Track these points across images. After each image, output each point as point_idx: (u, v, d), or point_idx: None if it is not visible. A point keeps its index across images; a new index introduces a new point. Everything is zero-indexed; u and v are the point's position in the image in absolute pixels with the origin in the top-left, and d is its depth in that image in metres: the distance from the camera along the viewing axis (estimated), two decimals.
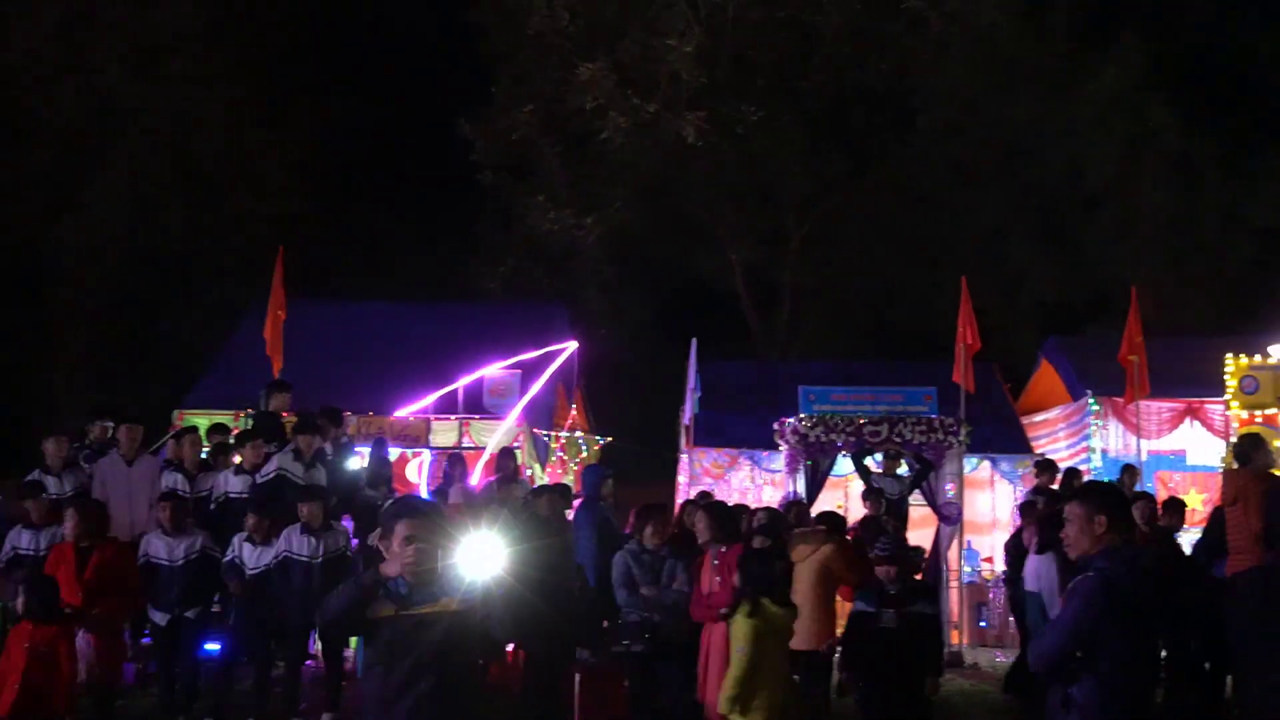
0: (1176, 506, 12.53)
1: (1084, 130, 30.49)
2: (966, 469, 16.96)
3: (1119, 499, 5.64)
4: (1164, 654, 9.84)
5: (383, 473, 13.55)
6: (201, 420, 15.68)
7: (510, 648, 11.20)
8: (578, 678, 10.10)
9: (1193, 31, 31.22)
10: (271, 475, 12.02)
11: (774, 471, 18.07)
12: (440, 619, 5.09)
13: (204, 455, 13.10)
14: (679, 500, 17.20)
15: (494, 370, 18.49)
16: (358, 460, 13.89)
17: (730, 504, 11.74)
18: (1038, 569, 11.72)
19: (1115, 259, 29.73)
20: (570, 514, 11.94)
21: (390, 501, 7.53)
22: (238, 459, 12.79)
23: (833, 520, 10.87)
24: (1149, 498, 12.50)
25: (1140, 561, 5.34)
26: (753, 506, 13.42)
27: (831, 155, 31.35)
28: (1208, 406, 18.17)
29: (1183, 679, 10.10)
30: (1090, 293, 29.85)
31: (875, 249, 32.12)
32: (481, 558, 5.31)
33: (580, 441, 20.42)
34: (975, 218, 31.21)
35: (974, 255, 29.39)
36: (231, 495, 12.17)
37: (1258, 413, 17.26)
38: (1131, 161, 30.38)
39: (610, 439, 21.59)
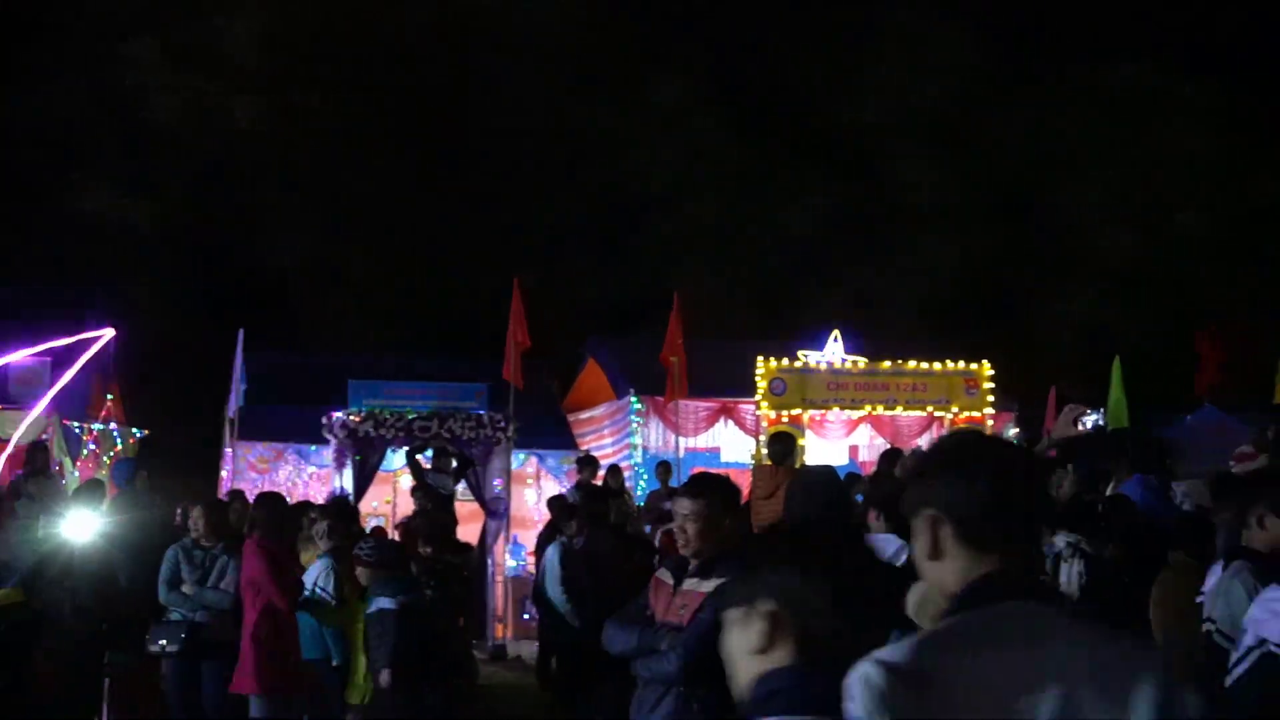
0: None
1: (641, 138, 31.57)
2: (514, 464, 17.21)
3: (738, 495, 5.69)
4: None
5: None
6: None
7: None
8: (107, 682, 9.58)
9: (745, 53, 32.98)
10: None
11: (322, 466, 17.76)
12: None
13: None
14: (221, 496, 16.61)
15: (20, 357, 17.30)
16: None
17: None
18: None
19: (663, 263, 30.95)
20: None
21: None
22: None
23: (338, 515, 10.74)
24: None
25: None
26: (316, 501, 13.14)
27: (393, 149, 31.09)
28: (741, 406, 19.11)
29: None
30: (638, 295, 30.96)
31: (431, 244, 32.09)
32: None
33: (115, 434, 19.41)
34: (532, 218, 31.73)
35: (528, 255, 29.88)
36: None
37: (785, 413, 18.33)
38: (684, 170, 31.72)
39: (148, 432, 20.66)
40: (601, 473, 15.70)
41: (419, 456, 15.45)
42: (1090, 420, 6.07)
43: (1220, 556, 5.63)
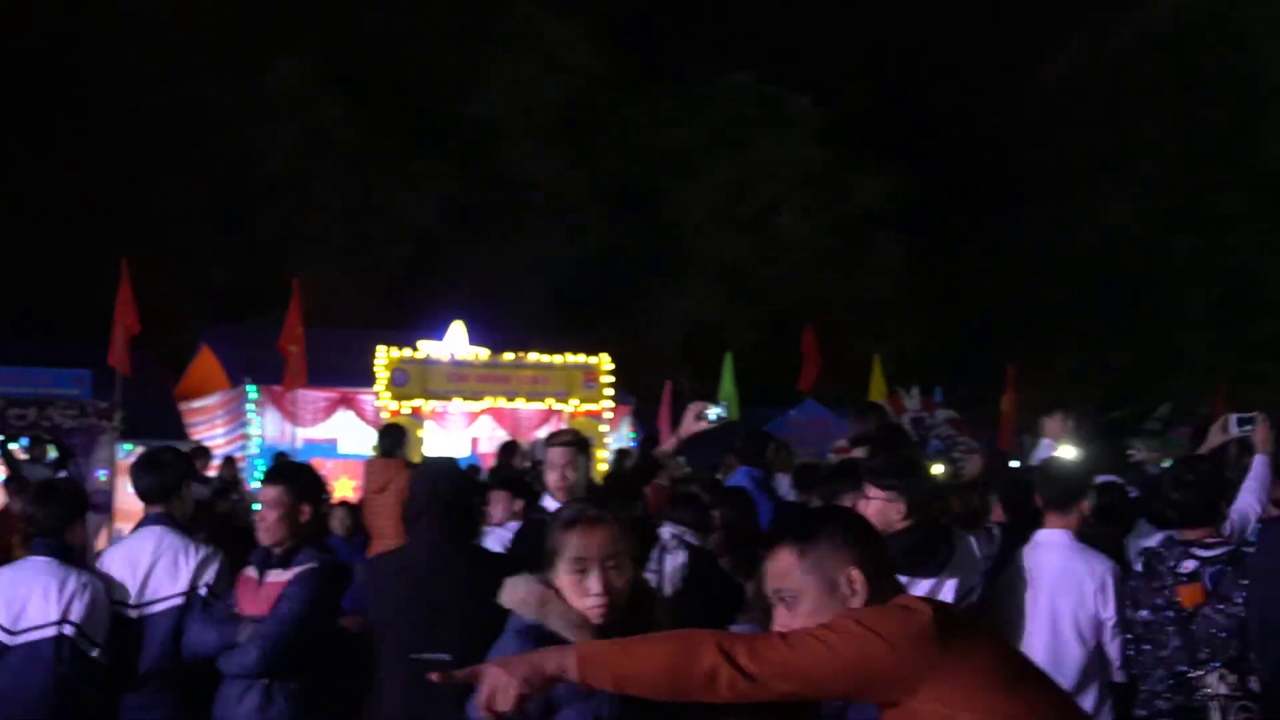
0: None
1: (261, 120, 30.75)
2: (119, 455, 16.51)
3: (323, 485, 5.73)
4: None
5: None
6: None
7: None
8: None
9: (367, 36, 32.62)
10: None
11: None
12: None
13: None
14: None
15: None
16: None
17: None
18: None
19: (284, 250, 30.25)
20: None
21: None
22: None
23: None
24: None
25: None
26: None
27: None
28: (361, 396, 18.89)
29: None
30: (257, 281, 30.12)
31: (34, 221, 30.25)
32: None
33: None
34: (145, 198, 30.43)
35: (142, 236, 28.63)
36: None
37: (406, 404, 18.22)
38: (305, 156, 31.09)
39: None
40: (215, 463, 15.29)
41: (13, 446, 14.63)
42: (714, 413, 6.32)
43: None
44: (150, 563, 5.59)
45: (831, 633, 2.79)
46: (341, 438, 19.21)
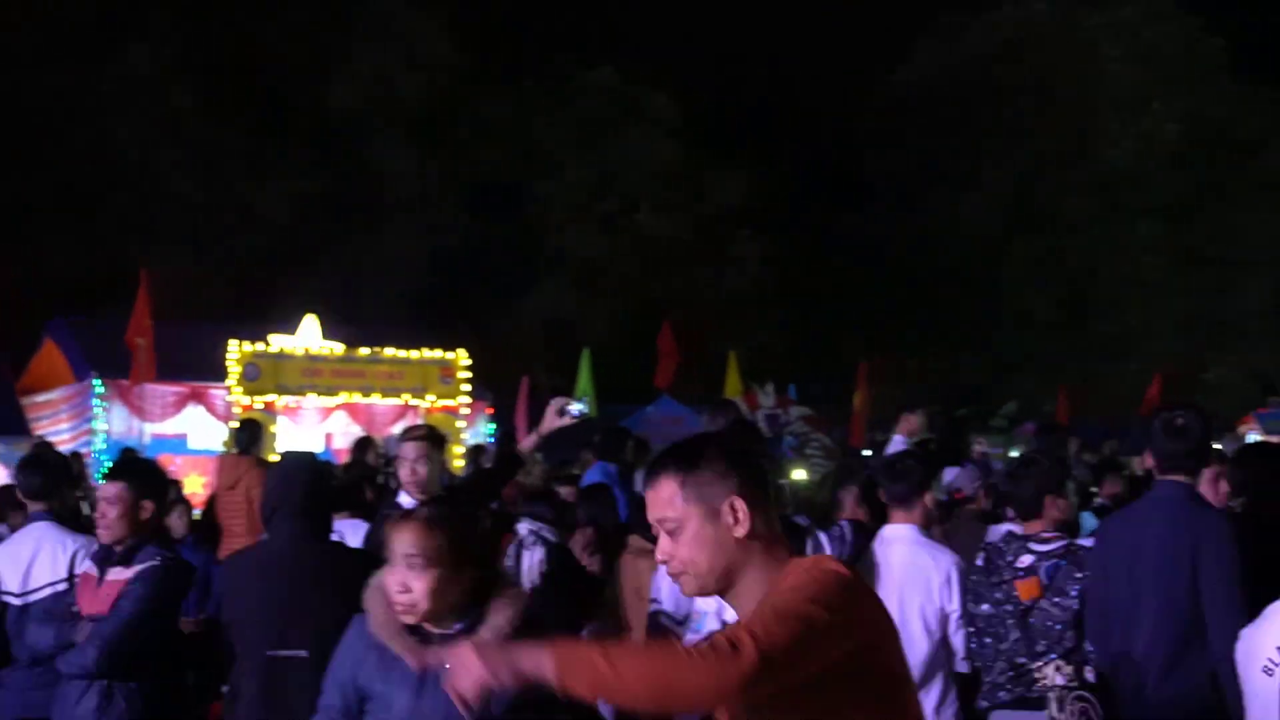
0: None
1: (109, 108, 30.00)
2: None
3: (166, 482, 5.74)
4: None
5: None
6: None
7: None
8: None
9: (221, 24, 31.96)
10: None
11: None
12: None
13: None
14: None
15: None
16: None
17: None
18: None
19: (132, 241, 29.56)
20: None
21: None
22: None
23: None
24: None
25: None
26: None
27: None
28: (212, 391, 18.54)
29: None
30: (103, 273, 29.37)
31: None
32: None
33: None
34: None
35: None
36: None
37: (259, 399, 17.92)
38: (155, 144, 30.40)
39: None
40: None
41: None
42: (575, 409, 6.38)
43: None
44: (32, 554, 5.87)
45: (792, 611, 2.69)
46: (191, 433, 18.84)
